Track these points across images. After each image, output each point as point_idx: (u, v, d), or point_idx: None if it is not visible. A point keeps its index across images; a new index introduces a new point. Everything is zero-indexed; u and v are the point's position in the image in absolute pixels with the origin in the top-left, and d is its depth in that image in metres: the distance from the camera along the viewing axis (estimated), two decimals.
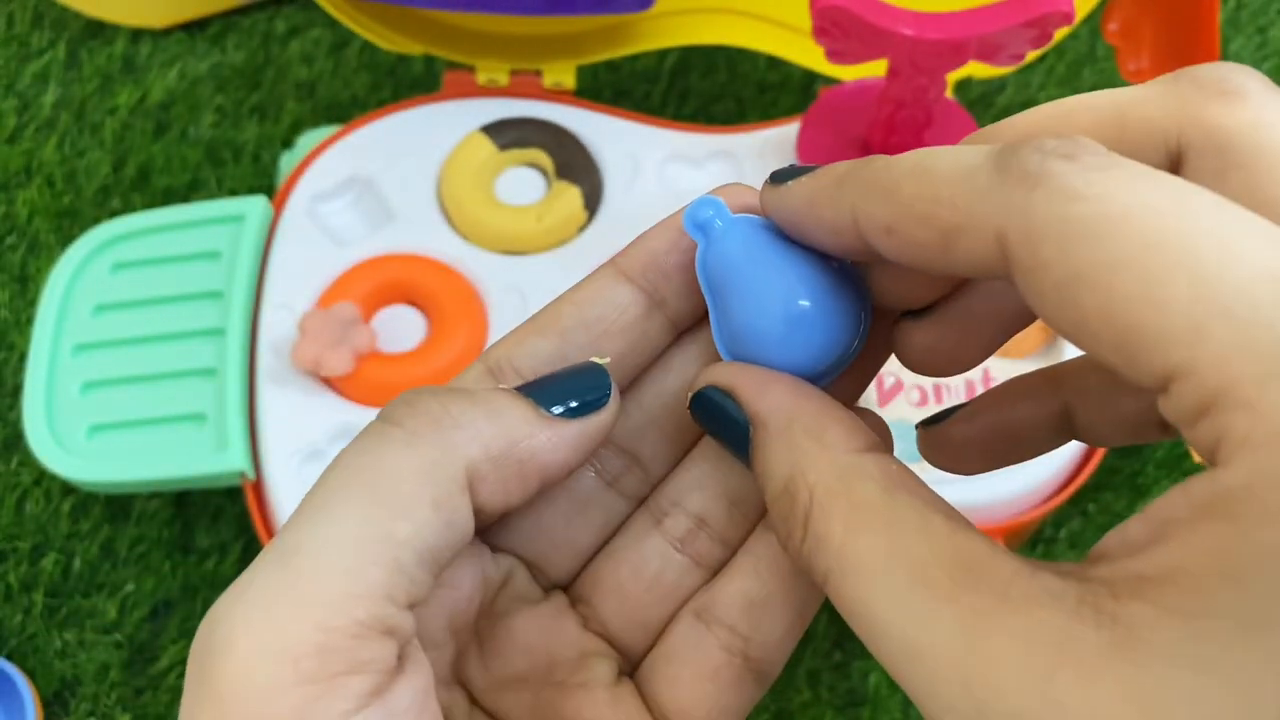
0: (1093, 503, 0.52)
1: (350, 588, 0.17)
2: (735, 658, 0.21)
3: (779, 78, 0.61)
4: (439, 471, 0.18)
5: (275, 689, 0.16)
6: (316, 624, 0.16)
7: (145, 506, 0.50)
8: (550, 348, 0.21)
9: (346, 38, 0.62)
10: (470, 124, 0.50)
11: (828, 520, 0.18)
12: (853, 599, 0.17)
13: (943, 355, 0.21)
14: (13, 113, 0.59)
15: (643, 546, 0.22)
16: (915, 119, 0.45)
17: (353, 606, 0.17)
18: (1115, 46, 0.55)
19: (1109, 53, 0.63)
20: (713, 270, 0.21)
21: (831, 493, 0.18)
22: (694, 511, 0.22)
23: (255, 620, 0.16)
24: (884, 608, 0.16)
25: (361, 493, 0.18)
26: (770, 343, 0.20)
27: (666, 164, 0.50)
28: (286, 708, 0.16)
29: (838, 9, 0.39)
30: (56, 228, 0.56)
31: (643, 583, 0.21)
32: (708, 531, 0.22)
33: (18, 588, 0.48)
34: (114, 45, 0.61)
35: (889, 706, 0.47)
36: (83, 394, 0.44)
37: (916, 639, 0.16)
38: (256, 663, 0.16)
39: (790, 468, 0.18)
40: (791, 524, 0.18)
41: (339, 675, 0.16)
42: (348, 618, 0.17)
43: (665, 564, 0.21)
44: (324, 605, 0.17)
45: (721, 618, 0.21)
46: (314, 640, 0.16)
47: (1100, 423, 0.21)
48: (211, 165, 0.58)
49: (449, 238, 0.48)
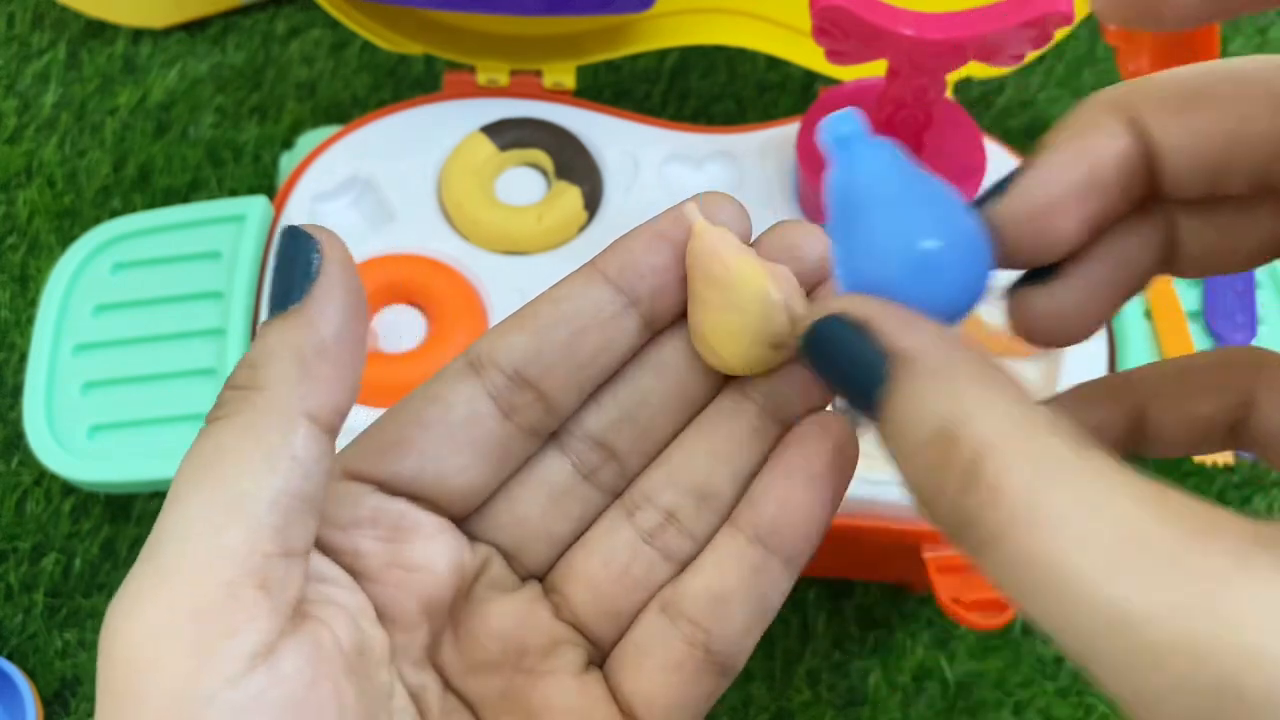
0: None
1: (210, 553, 0.17)
2: (698, 650, 0.21)
3: (779, 78, 0.61)
4: (260, 424, 0.19)
5: (160, 664, 0.17)
6: (187, 594, 0.17)
7: (146, 506, 0.50)
8: (528, 343, 0.21)
9: (347, 38, 0.62)
10: (470, 124, 0.50)
11: (1007, 471, 0.16)
12: (1043, 558, 0.15)
13: (1066, 320, 0.20)
14: (13, 113, 0.59)
15: (615, 539, 0.22)
16: (915, 119, 0.45)
17: (219, 569, 0.17)
18: (1115, 47, 0.55)
19: (1108, 53, 0.63)
20: (847, 191, 0.19)
21: (1012, 441, 0.16)
22: (665, 506, 0.22)
23: (131, 608, 0.17)
24: (1088, 567, 0.14)
25: (200, 473, 0.19)
26: (908, 277, 0.18)
27: (666, 164, 0.50)
28: (174, 680, 0.16)
29: (837, 9, 0.39)
30: (57, 228, 0.56)
31: (613, 574, 0.22)
32: (677, 526, 0.22)
33: (18, 588, 0.48)
34: (114, 45, 0.61)
35: (888, 706, 0.47)
36: (83, 394, 0.44)
37: (1130, 604, 0.14)
38: (140, 646, 0.17)
39: (948, 412, 0.17)
40: (946, 474, 0.16)
41: (218, 639, 0.17)
42: (214, 580, 0.17)
43: (635, 557, 0.22)
44: (190, 574, 0.17)
45: (686, 612, 0.21)
46: (186, 609, 0.17)
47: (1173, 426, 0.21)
48: (212, 165, 0.58)
49: (449, 238, 0.48)
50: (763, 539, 0.21)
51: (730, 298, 0.20)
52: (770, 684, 0.48)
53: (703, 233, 0.21)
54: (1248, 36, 0.65)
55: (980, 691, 0.47)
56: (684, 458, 0.22)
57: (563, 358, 0.21)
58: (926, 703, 0.47)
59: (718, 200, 0.21)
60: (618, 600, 0.22)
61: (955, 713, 0.47)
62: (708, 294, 0.21)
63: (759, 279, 0.20)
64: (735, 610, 0.21)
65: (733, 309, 0.20)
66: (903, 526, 0.43)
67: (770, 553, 0.21)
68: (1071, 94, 0.62)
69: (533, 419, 0.22)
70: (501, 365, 0.21)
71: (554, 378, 0.21)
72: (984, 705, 0.47)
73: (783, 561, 0.21)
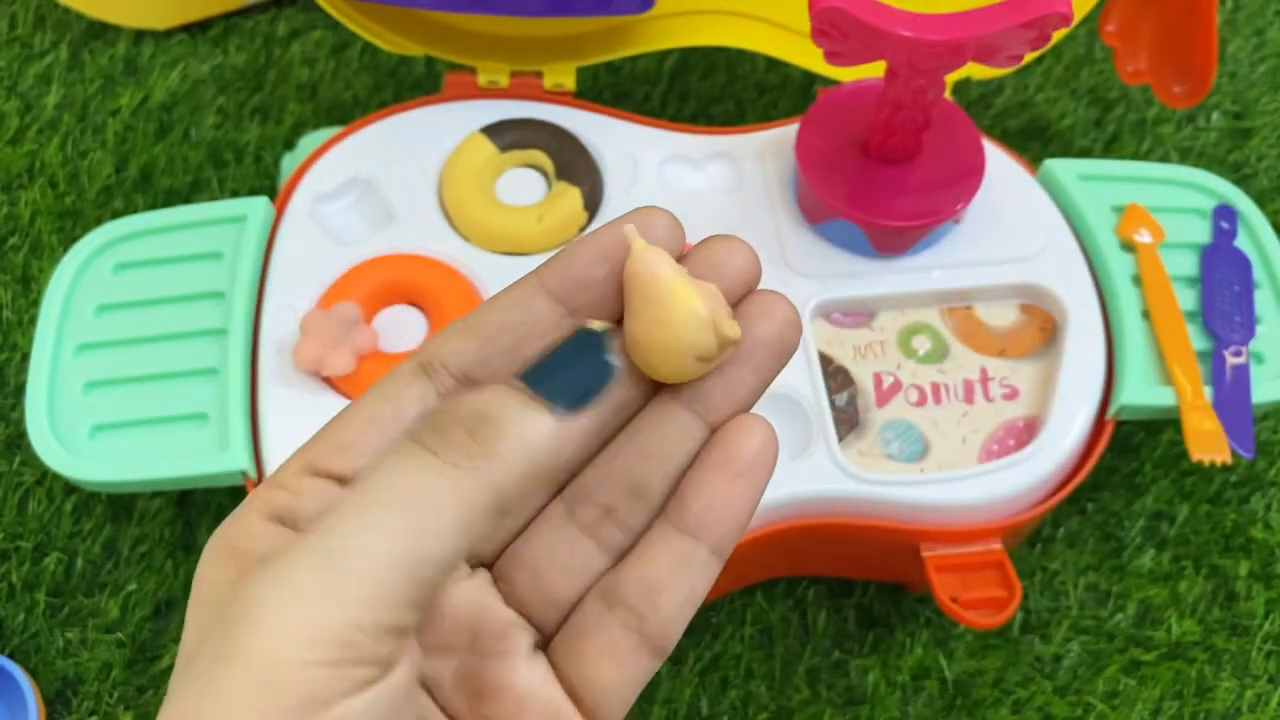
0: (1091, 502, 0.52)
1: (380, 594, 0.19)
2: (633, 634, 0.23)
3: (778, 79, 0.62)
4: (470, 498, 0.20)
5: (297, 664, 0.18)
6: (346, 621, 0.19)
7: (147, 506, 0.50)
8: (473, 348, 0.23)
9: (348, 39, 0.62)
10: (471, 125, 0.50)
11: None
12: None
13: None
14: (15, 114, 0.60)
15: (557, 533, 0.24)
16: (914, 120, 0.45)
17: (379, 612, 0.19)
18: (1113, 48, 0.55)
19: (1107, 54, 0.63)
20: None
21: None
22: (603, 502, 0.24)
23: (290, 605, 0.19)
24: None
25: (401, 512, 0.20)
26: None
27: (666, 165, 0.50)
28: (301, 682, 0.18)
29: (837, 10, 0.39)
30: (59, 228, 0.56)
31: (556, 565, 0.24)
32: (614, 520, 0.24)
33: (20, 587, 0.48)
34: (116, 47, 0.62)
35: (887, 705, 0.47)
36: (85, 394, 0.45)
37: None
38: (287, 640, 0.18)
39: None
40: None
41: (351, 664, 0.19)
42: (372, 619, 0.19)
43: (575, 549, 0.24)
44: (355, 606, 0.19)
45: (623, 599, 0.23)
46: (340, 634, 0.19)
47: None
48: (213, 166, 0.58)
49: (450, 238, 0.48)
50: (691, 531, 0.23)
51: (662, 314, 0.22)
52: (770, 683, 0.48)
53: (640, 253, 0.23)
54: (1245, 38, 0.65)
55: (978, 690, 0.48)
56: (620, 457, 0.24)
57: (507, 363, 0.23)
58: (925, 701, 0.47)
59: (654, 217, 0.23)
60: (560, 589, 0.24)
61: (954, 711, 0.47)
62: (643, 309, 0.22)
63: (690, 299, 0.22)
64: (667, 597, 0.23)
65: (664, 325, 0.22)
66: (901, 526, 0.43)
67: (699, 543, 0.23)
68: (1070, 95, 0.62)
69: None
70: (450, 368, 0.23)
71: (500, 380, 0.23)
72: (982, 704, 0.47)
73: (710, 551, 0.23)
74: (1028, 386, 0.46)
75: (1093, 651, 0.49)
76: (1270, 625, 0.49)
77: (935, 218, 0.46)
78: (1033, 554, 0.51)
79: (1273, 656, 0.49)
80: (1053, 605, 0.50)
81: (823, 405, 0.44)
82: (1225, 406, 0.45)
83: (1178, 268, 0.49)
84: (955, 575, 0.43)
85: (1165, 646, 0.49)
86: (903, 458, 0.45)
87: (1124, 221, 0.49)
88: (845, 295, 0.47)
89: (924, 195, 0.46)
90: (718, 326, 0.22)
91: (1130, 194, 0.50)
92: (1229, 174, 0.60)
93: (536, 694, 0.23)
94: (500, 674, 0.23)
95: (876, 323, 0.47)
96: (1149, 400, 0.45)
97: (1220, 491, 0.52)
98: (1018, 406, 0.46)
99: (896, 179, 0.47)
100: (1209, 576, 0.50)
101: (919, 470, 0.44)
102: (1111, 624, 0.49)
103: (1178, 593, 0.50)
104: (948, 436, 0.45)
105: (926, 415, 0.46)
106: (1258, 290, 0.49)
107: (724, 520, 0.23)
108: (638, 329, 0.23)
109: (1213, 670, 0.48)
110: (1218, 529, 0.51)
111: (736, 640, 0.49)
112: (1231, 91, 0.63)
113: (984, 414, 0.46)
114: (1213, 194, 0.51)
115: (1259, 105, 0.63)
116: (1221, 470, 0.52)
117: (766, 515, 0.43)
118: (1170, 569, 0.50)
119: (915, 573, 0.44)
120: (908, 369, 0.46)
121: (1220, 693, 0.48)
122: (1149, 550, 0.51)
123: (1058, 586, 0.50)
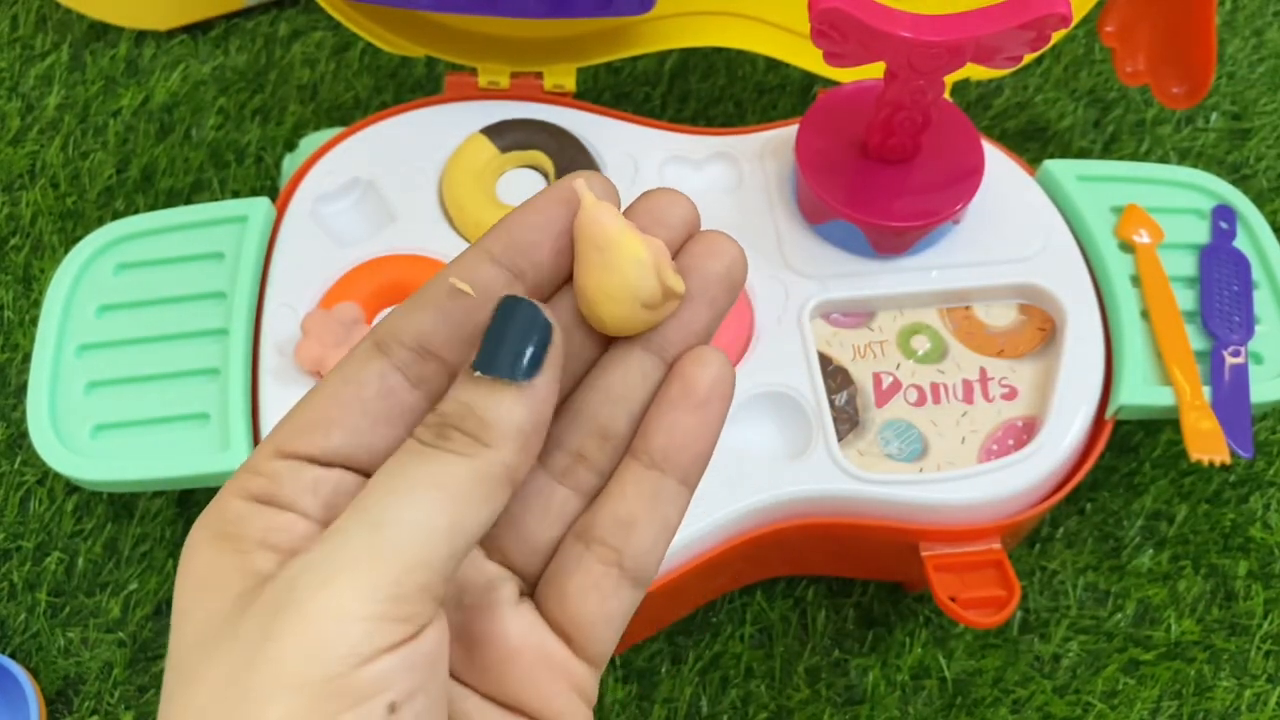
0: (1089, 501, 0.52)
1: (422, 559, 0.21)
2: (613, 569, 0.24)
3: (778, 80, 0.62)
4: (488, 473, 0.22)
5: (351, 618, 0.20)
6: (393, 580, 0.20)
7: (148, 505, 0.50)
8: (427, 321, 0.23)
9: (349, 40, 0.62)
10: (471, 126, 0.50)
11: None
12: None
13: None
14: (17, 114, 0.60)
15: (530, 483, 0.25)
16: (913, 121, 0.45)
17: (420, 575, 0.21)
18: (1112, 48, 0.55)
19: (1106, 55, 0.64)
20: None
21: None
22: (572, 449, 0.25)
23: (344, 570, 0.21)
24: None
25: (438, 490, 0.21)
26: None
27: (666, 165, 0.50)
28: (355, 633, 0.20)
29: (836, 11, 0.39)
30: (60, 229, 0.56)
31: (533, 514, 0.25)
32: (585, 464, 0.24)
33: (21, 586, 0.48)
34: (117, 48, 0.62)
35: (887, 704, 0.47)
36: (86, 394, 0.45)
37: None
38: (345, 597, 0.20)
39: None
40: None
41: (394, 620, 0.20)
42: (414, 583, 0.21)
43: (550, 496, 0.25)
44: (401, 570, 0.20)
45: (599, 537, 0.24)
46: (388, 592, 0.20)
47: None
48: (214, 167, 0.58)
49: (450, 239, 0.48)
50: (658, 465, 0.24)
51: (609, 259, 0.23)
52: (770, 682, 0.48)
53: (590, 207, 0.24)
54: (1244, 39, 0.65)
55: (978, 689, 0.48)
56: (585, 404, 0.25)
57: (460, 329, 0.24)
58: (924, 700, 0.48)
59: (594, 179, 0.24)
60: (539, 536, 0.25)
61: (953, 710, 0.47)
62: (592, 256, 0.24)
63: (634, 245, 0.23)
64: (641, 529, 0.24)
65: (611, 269, 0.23)
66: (901, 525, 0.43)
67: (665, 475, 0.24)
68: (1069, 96, 0.63)
69: (441, 386, 0.24)
70: (405, 341, 0.23)
71: (454, 347, 0.23)
72: (981, 703, 0.47)
73: (678, 481, 0.24)
74: (1027, 386, 0.46)
75: (1092, 651, 0.49)
76: (1269, 625, 0.49)
77: (934, 218, 0.46)
78: (1032, 554, 0.51)
79: (1271, 656, 0.49)
80: (1052, 605, 0.50)
81: (822, 405, 0.44)
82: (1224, 406, 0.45)
83: (1176, 268, 0.49)
84: (954, 575, 0.43)
85: (1164, 646, 0.49)
86: (902, 457, 0.45)
87: (1123, 222, 0.49)
88: (845, 295, 0.47)
89: (923, 196, 0.46)
90: (661, 275, 0.23)
91: (1129, 194, 0.51)
92: (1228, 174, 0.60)
93: (526, 638, 0.24)
94: (488, 624, 0.24)
95: (876, 323, 0.48)
96: (1148, 400, 0.45)
97: (1219, 491, 0.52)
98: (1017, 406, 0.46)
99: (896, 179, 0.47)
100: (1208, 576, 0.50)
101: (918, 470, 0.44)
102: (1110, 623, 0.49)
103: (1177, 592, 0.50)
104: (947, 436, 0.45)
105: (926, 415, 0.46)
106: (1256, 290, 0.49)
107: (687, 451, 0.24)
108: (586, 277, 0.24)
109: (1211, 670, 0.48)
110: (1216, 529, 0.51)
111: (736, 639, 0.49)
112: (1230, 92, 0.63)
113: (983, 414, 0.46)
114: (1211, 194, 0.51)
115: (1258, 106, 0.63)
116: (1220, 470, 0.52)
117: (766, 515, 0.43)
118: (1169, 569, 0.50)
119: (914, 572, 0.44)
120: (907, 369, 0.47)
121: (1219, 692, 0.48)
122: (1148, 550, 0.51)
123: (1057, 586, 0.50)
